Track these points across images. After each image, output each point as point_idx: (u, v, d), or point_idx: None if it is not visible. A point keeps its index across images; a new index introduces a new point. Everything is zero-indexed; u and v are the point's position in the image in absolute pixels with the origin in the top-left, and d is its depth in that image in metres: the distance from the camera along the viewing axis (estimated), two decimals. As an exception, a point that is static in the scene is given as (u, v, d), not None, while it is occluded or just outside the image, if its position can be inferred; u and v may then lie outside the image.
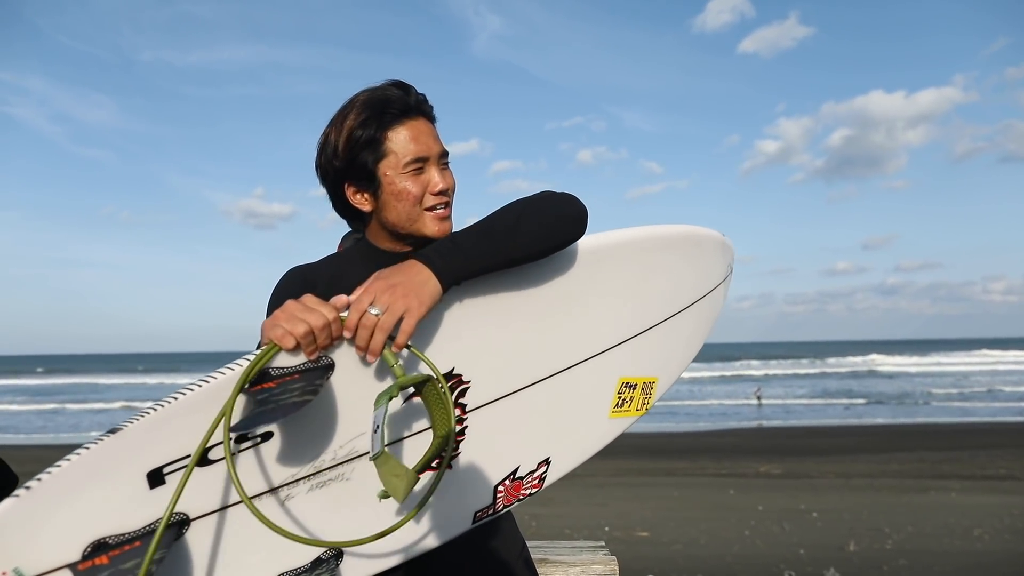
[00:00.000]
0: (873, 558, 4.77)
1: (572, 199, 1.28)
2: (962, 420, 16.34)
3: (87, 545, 0.98)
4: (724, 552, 5.03)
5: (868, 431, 14.31)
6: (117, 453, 1.00)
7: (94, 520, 0.99)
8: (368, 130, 1.26)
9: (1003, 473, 8.55)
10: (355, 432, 1.16)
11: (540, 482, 1.38)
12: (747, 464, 9.76)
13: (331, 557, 1.16)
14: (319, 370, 1.07)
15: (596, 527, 5.87)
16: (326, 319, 1.05)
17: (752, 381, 31.24)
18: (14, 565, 0.95)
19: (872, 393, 25.15)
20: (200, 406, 1.03)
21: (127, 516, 1.01)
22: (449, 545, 1.32)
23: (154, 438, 1.01)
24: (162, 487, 1.02)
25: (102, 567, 0.96)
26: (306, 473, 1.13)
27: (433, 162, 1.30)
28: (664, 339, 1.54)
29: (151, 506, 1.02)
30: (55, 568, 0.96)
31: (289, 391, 1.01)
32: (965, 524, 5.69)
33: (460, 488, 1.28)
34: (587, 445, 1.44)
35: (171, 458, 1.02)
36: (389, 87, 1.30)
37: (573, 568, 1.94)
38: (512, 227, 1.18)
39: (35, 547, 0.96)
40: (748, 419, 17.55)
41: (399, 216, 1.31)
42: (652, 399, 1.54)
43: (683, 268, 1.57)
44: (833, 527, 5.73)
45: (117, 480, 1.00)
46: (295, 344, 1.03)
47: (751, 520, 6.06)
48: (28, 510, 0.96)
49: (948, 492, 7.29)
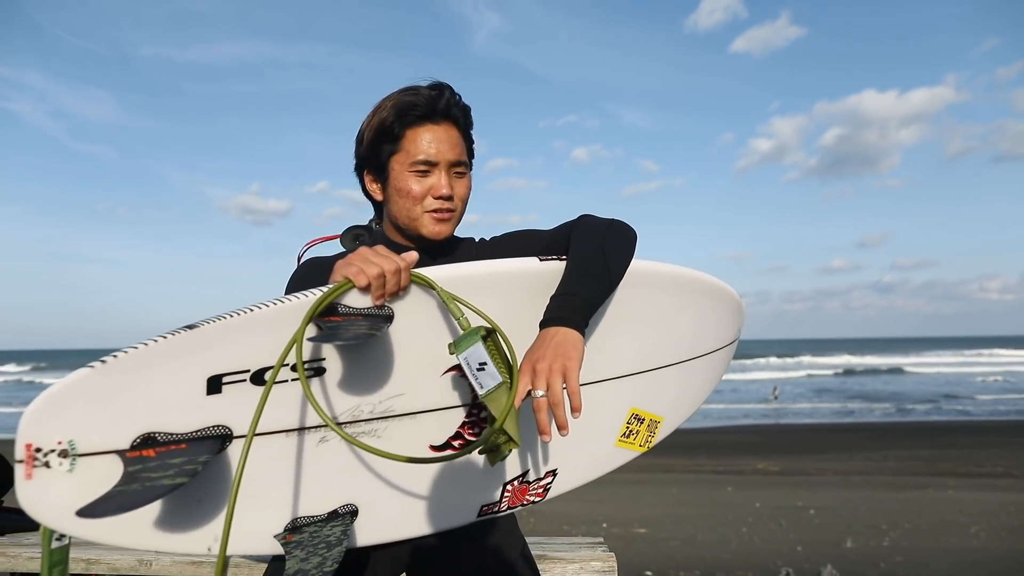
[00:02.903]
0: (870, 555, 4.78)
1: (626, 225, 1.35)
2: (959, 418, 16.36)
3: (137, 436, 0.99)
4: (722, 549, 5.03)
5: (865, 428, 14.33)
6: (187, 349, 1.01)
7: (149, 413, 0.99)
8: (391, 125, 1.31)
9: (1000, 471, 8.56)
10: (397, 391, 1.17)
11: (544, 492, 1.39)
12: (745, 461, 9.77)
13: (347, 512, 1.17)
14: (381, 318, 1.10)
15: (594, 524, 5.87)
16: (397, 266, 1.10)
17: (748, 379, 31.27)
18: (70, 437, 0.95)
19: (869, 391, 25.19)
20: (268, 325, 1.05)
21: (180, 416, 1.01)
22: (450, 540, 1.32)
23: (222, 344, 1.03)
24: (218, 395, 1.03)
25: (148, 459, 0.97)
26: (344, 420, 1.14)
27: (443, 167, 1.32)
28: (677, 381, 1.55)
29: (204, 411, 1.03)
30: (105, 451, 0.97)
31: (354, 327, 1.04)
32: (962, 521, 5.70)
33: (472, 478, 1.29)
34: (591, 467, 1.45)
35: (233, 368, 1.04)
36: (425, 88, 1.33)
37: (572, 564, 1.94)
38: (603, 263, 1.25)
39: (92, 424, 0.96)
40: (747, 417, 17.57)
41: (399, 211, 1.34)
42: (655, 439, 1.54)
43: (707, 316, 1.58)
44: (830, 524, 5.74)
45: (179, 377, 1.01)
46: (367, 283, 1.08)
47: (749, 517, 6.07)
48: (95, 384, 0.96)
49: (945, 489, 7.30)
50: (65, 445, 0.95)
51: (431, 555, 1.34)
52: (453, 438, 1.23)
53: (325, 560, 1.04)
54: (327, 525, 1.13)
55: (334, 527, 1.13)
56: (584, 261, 1.25)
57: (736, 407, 19.58)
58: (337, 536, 1.10)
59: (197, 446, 1.00)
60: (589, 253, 1.26)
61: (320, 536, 1.10)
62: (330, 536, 1.10)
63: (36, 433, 0.94)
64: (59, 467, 0.95)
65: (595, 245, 1.27)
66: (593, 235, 1.29)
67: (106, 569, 1.98)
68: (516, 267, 1.26)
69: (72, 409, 0.95)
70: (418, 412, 1.20)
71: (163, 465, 0.96)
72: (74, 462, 0.95)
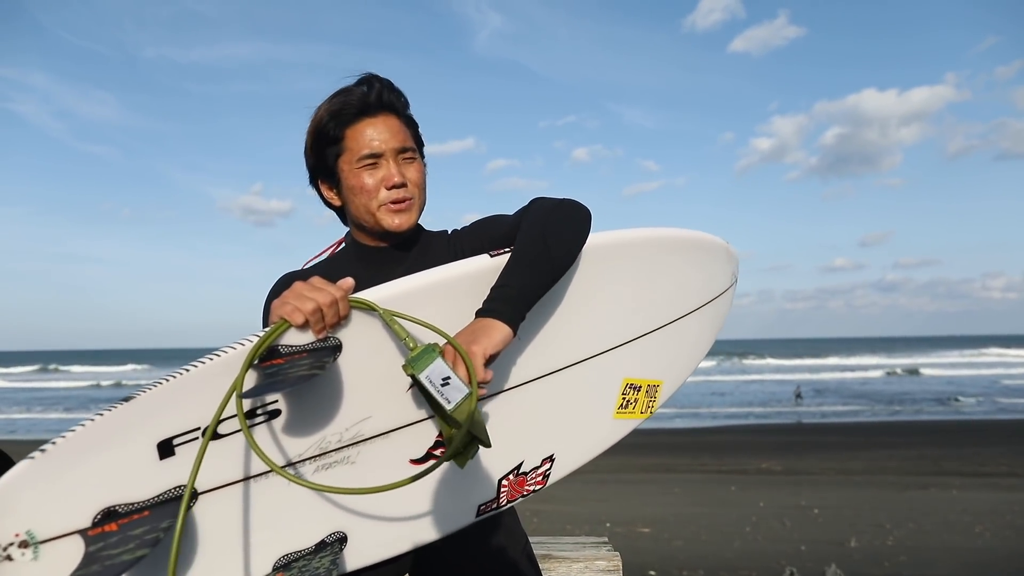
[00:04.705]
0: (874, 554, 4.78)
1: (575, 203, 1.31)
2: (963, 417, 16.34)
3: (97, 512, 0.99)
4: (726, 548, 5.03)
5: (869, 428, 14.31)
6: (129, 422, 1.01)
7: (104, 488, 1.00)
8: (328, 128, 1.31)
9: (1004, 470, 8.55)
10: (362, 415, 1.16)
11: (544, 479, 1.38)
12: (748, 461, 9.77)
13: (335, 541, 1.17)
14: (327, 350, 1.08)
15: (598, 523, 5.88)
16: (333, 297, 1.07)
17: (750, 379, 31.22)
18: (27, 527, 0.96)
19: (873, 390, 25.15)
20: (210, 380, 1.04)
21: (137, 485, 1.01)
22: (451, 540, 1.32)
23: (165, 409, 1.02)
24: (172, 458, 1.03)
25: (111, 534, 0.97)
26: (312, 454, 1.13)
27: (390, 156, 1.32)
28: (669, 342, 1.54)
29: (161, 477, 1.03)
30: (66, 533, 0.97)
31: (297, 367, 1.02)
32: (966, 520, 5.70)
33: (465, 479, 1.28)
34: (591, 444, 1.45)
35: (181, 430, 1.03)
36: (353, 86, 1.33)
37: (577, 564, 1.95)
38: (544, 250, 1.21)
39: (47, 511, 0.97)
40: (749, 416, 17.55)
41: (358, 210, 1.34)
42: (657, 402, 1.54)
43: (689, 272, 1.56)
44: (834, 523, 5.74)
45: (128, 449, 1.01)
46: (304, 320, 1.05)
47: (752, 516, 6.07)
48: (41, 473, 0.96)
49: (949, 489, 7.30)
50: (24, 536, 0.96)
51: (433, 555, 1.34)
52: (434, 447, 1.22)
53: None
54: (316, 557, 1.13)
55: (323, 558, 1.12)
56: (523, 249, 1.21)
57: (738, 409, 19.55)
58: (326, 567, 1.09)
59: (159, 511, 1.00)
60: (529, 240, 1.22)
61: (309, 569, 1.09)
62: (319, 568, 1.09)
63: None
64: (22, 558, 0.96)
65: (536, 231, 1.23)
66: (536, 221, 1.26)
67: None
68: (465, 269, 1.23)
69: (22, 500, 0.95)
70: (390, 431, 1.18)
71: (124, 539, 0.96)
72: (37, 550, 0.96)
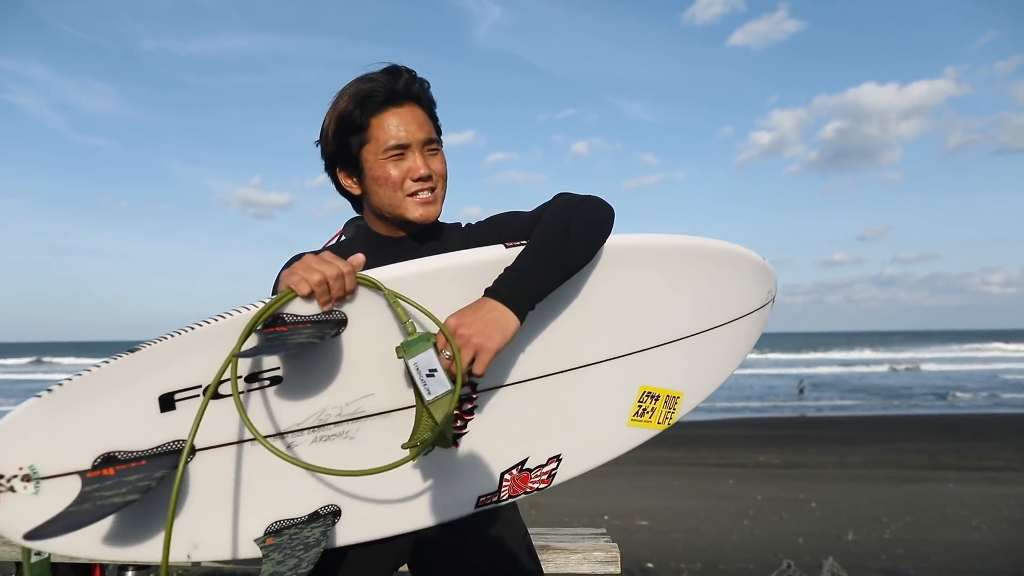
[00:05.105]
0: (871, 547, 4.80)
1: (600, 200, 1.30)
2: (961, 411, 16.37)
3: (97, 456, 1.02)
4: (723, 541, 5.05)
5: (866, 422, 14.34)
6: (133, 371, 1.03)
7: (106, 433, 1.03)
8: (353, 117, 1.29)
9: (1001, 464, 8.57)
10: (365, 392, 1.17)
11: (549, 478, 1.37)
12: (746, 454, 9.79)
13: (329, 513, 1.17)
14: (331, 323, 1.09)
15: (595, 515, 5.89)
16: (340, 271, 1.08)
17: (748, 373, 31.27)
18: (31, 462, 1.00)
19: (871, 384, 25.20)
20: (214, 340, 1.05)
21: (137, 435, 1.04)
22: (450, 530, 1.32)
23: (169, 363, 1.05)
24: (172, 412, 1.05)
25: (108, 478, 1.01)
26: (311, 424, 1.14)
27: (416, 148, 1.30)
28: (693, 354, 1.48)
29: (160, 429, 1.05)
30: (66, 472, 1.01)
31: (298, 335, 1.04)
32: (963, 514, 5.72)
33: (466, 469, 1.28)
34: (602, 449, 1.42)
35: (183, 385, 1.06)
36: (379, 74, 1.31)
37: (575, 555, 1.95)
38: (565, 242, 1.20)
39: (51, 449, 1.00)
40: (748, 410, 17.59)
41: (382, 200, 1.32)
42: (676, 415, 1.48)
43: (721, 285, 1.50)
44: (831, 517, 5.75)
45: (131, 398, 1.04)
46: (309, 291, 1.07)
47: (750, 509, 6.09)
48: (48, 412, 1.00)
49: (946, 483, 7.32)
50: (27, 470, 0.99)
51: (432, 546, 1.34)
52: None
53: (301, 562, 1.05)
54: (307, 527, 1.14)
55: (314, 528, 1.14)
56: (545, 239, 1.20)
57: (735, 403, 19.59)
58: (316, 537, 1.11)
59: (156, 462, 1.03)
60: (552, 231, 1.21)
61: (299, 538, 1.11)
62: (309, 538, 1.11)
63: None
64: (24, 491, 0.99)
65: (559, 223, 1.22)
66: (560, 213, 1.24)
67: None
68: (479, 257, 1.22)
69: (28, 436, 0.99)
70: (391, 411, 1.19)
71: (118, 483, 1.00)
72: (38, 485, 1.00)
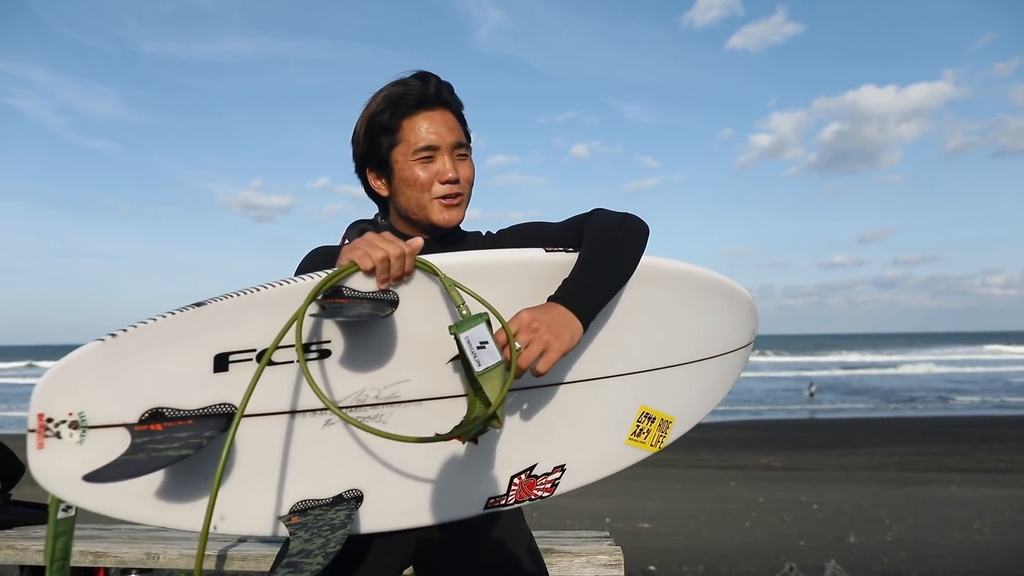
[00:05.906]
0: (873, 550, 4.79)
1: (639, 219, 1.36)
2: (963, 414, 16.34)
3: (146, 410, 1.00)
4: (725, 543, 5.04)
5: (868, 424, 14.32)
6: (194, 327, 1.02)
7: (157, 388, 1.01)
8: (384, 118, 1.32)
9: (1004, 467, 8.56)
10: (402, 376, 1.17)
11: (552, 487, 1.38)
12: (748, 456, 9.78)
13: (352, 498, 1.18)
14: (386, 302, 1.11)
15: (597, 518, 5.88)
16: (402, 251, 1.11)
17: (749, 375, 31.25)
18: (81, 409, 0.98)
19: (872, 386, 25.17)
20: (275, 305, 1.05)
21: (187, 393, 1.03)
22: (455, 532, 1.33)
23: (230, 322, 1.04)
24: (224, 373, 1.04)
25: (156, 434, 0.99)
26: (349, 404, 1.15)
27: (445, 151, 1.33)
28: (688, 381, 1.53)
29: (211, 389, 1.04)
30: (115, 424, 0.99)
31: (356, 309, 1.06)
32: (965, 517, 5.71)
33: (480, 468, 1.29)
34: (600, 464, 1.44)
35: (239, 347, 1.05)
36: (411, 78, 1.34)
37: (579, 558, 1.95)
38: (617, 257, 1.26)
39: (102, 398, 0.98)
40: (748, 412, 17.58)
41: (409, 202, 1.35)
42: (667, 439, 1.52)
43: (720, 316, 1.56)
44: (834, 519, 5.75)
45: (188, 354, 1.02)
46: (372, 267, 1.09)
47: (752, 512, 6.08)
48: (107, 358, 0.97)
49: (948, 485, 7.30)
50: (76, 417, 0.97)
51: (436, 547, 1.34)
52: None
53: (328, 541, 1.05)
54: (332, 509, 1.14)
55: (339, 511, 1.14)
56: (599, 252, 1.26)
57: (737, 405, 19.57)
58: (341, 520, 1.11)
59: (203, 423, 1.01)
60: (605, 246, 1.27)
61: (324, 519, 1.11)
62: (334, 519, 1.11)
63: (48, 404, 0.95)
64: (69, 438, 0.97)
65: (611, 238, 1.28)
66: (608, 228, 1.30)
67: (113, 562, 1.99)
68: (521, 257, 1.26)
69: (83, 382, 0.96)
70: (424, 399, 1.20)
71: (169, 438, 0.98)
72: (84, 434, 0.97)
